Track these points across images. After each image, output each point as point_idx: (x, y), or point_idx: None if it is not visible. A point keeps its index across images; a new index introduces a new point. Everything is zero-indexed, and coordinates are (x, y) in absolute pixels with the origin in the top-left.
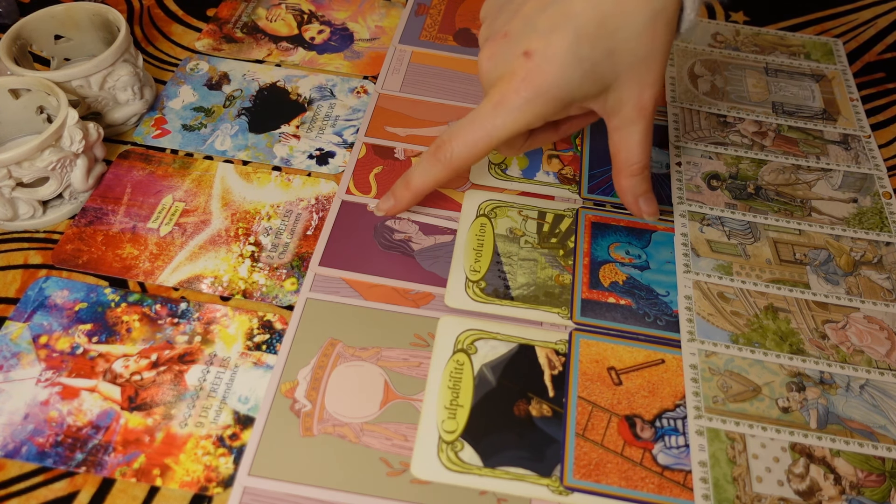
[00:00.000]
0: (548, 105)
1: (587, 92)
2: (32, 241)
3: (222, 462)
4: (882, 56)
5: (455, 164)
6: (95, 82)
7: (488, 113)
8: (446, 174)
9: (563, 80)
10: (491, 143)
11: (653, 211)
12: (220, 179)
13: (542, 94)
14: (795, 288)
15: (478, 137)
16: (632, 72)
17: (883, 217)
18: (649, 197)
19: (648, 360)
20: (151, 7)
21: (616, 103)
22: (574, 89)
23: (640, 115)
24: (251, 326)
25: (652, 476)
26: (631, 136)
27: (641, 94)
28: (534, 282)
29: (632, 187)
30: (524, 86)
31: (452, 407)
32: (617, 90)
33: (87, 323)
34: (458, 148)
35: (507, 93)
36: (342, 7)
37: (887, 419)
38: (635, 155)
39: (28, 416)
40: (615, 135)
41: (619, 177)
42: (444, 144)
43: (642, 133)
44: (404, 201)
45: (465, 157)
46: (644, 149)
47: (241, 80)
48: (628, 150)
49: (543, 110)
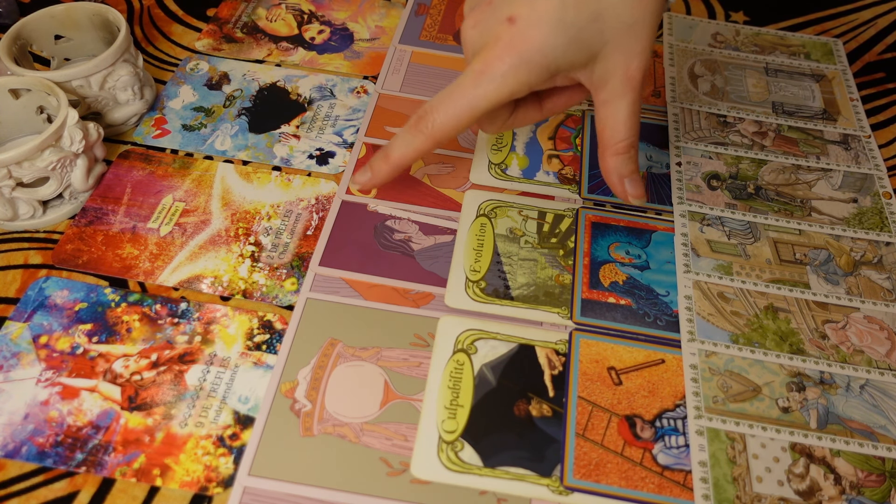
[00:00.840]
0: (532, 72)
1: (573, 59)
2: (32, 241)
3: (222, 462)
4: (882, 56)
5: (437, 134)
6: (95, 82)
7: (471, 81)
8: (427, 145)
9: (548, 46)
10: (473, 112)
11: (638, 194)
12: (221, 179)
13: (526, 60)
14: (795, 288)
15: (460, 107)
16: (619, 39)
17: (883, 217)
18: (635, 179)
19: (648, 360)
20: (151, 7)
21: (603, 73)
22: (559, 56)
23: (628, 86)
24: (251, 326)
25: (652, 476)
26: (618, 110)
27: (629, 64)
28: (534, 282)
29: (617, 167)
30: (508, 52)
31: (452, 407)
32: (604, 59)
33: (88, 323)
34: (440, 118)
35: (491, 60)
36: (342, 7)
37: (887, 419)
38: (621, 131)
39: (28, 416)
40: (602, 109)
41: (604, 155)
42: (426, 115)
43: (630, 107)
44: (382, 174)
45: (447, 127)
46: (631, 125)
47: (241, 80)
48: (614, 125)
49: (527, 78)
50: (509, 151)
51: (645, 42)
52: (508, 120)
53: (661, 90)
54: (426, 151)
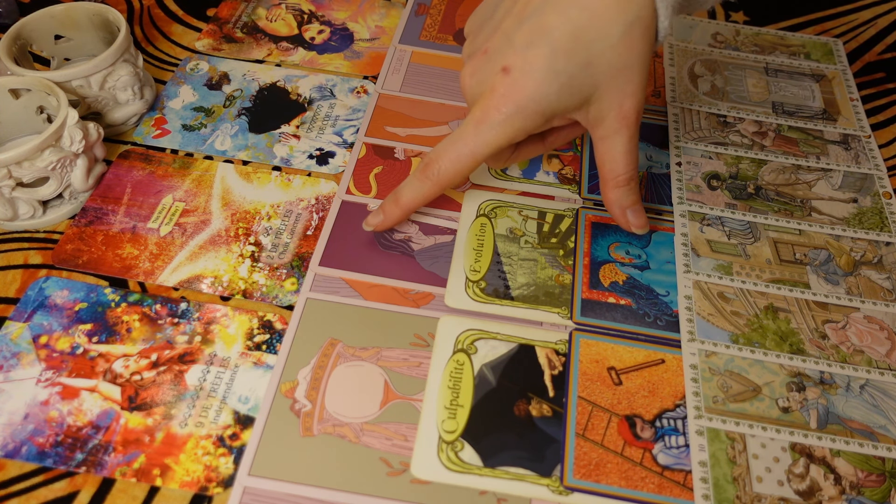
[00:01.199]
0: (527, 119)
1: (567, 104)
2: (32, 241)
3: (222, 462)
4: (882, 56)
5: (443, 181)
6: (95, 82)
7: (471, 130)
8: (434, 191)
9: (541, 94)
10: (475, 159)
11: (641, 224)
12: (221, 179)
13: (521, 109)
14: (795, 288)
15: (462, 155)
16: (611, 82)
17: (883, 217)
18: (637, 209)
19: (648, 360)
20: (151, 7)
21: (598, 114)
22: (552, 102)
23: (623, 124)
24: (251, 326)
25: (652, 476)
26: (615, 146)
27: (622, 104)
28: (534, 282)
29: (618, 199)
30: (504, 102)
31: (452, 407)
32: (597, 101)
33: (88, 323)
34: (445, 165)
35: (488, 109)
36: (342, 7)
37: (887, 419)
38: (620, 166)
39: (28, 416)
40: (599, 145)
41: (605, 188)
42: (432, 163)
43: (626, 143)
44: (393, 217)
45: (451, 174)
46: (629, 159)
47: (241, 80)
48: (613, 160)
49: (523, 125)
50: None
51: (637, 83)
52: (512, 156)
53: (661, 90)
54: (434, 196)
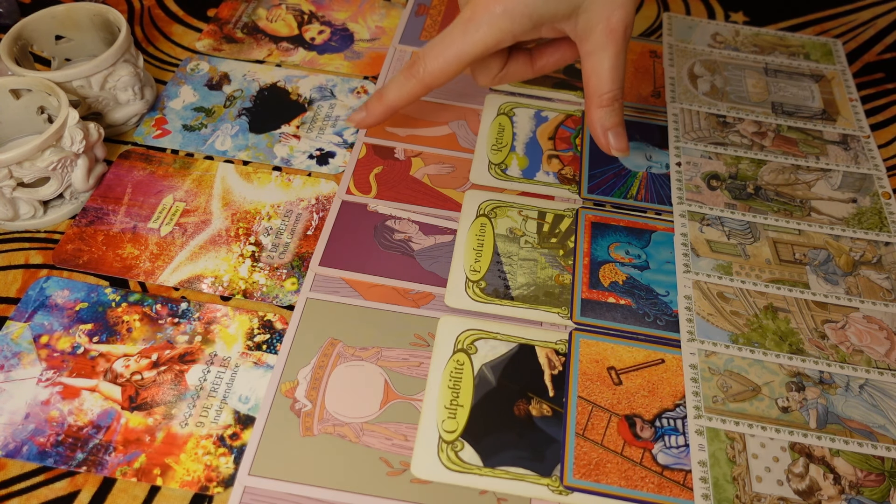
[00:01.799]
0: (515, 21)
1: (555, 10)
2: (33, 241)
3: (223, 462)
4: (881, 56)
5: (427, 79)
6: (96, 82)
7: (460, 29)
8: (419, 89)
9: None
10: (462, 59)
11: (622, 147)
12: (221, 179)
13: (510, 10)
14: (795, 288)
15: (449, 53)
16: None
17: (882, 217)
18: (619, 132)
19: (648, 359)
20: (152, 7)
21: (586, 25)
22: (540, 5)
23: (610, 38)
24: (251, 326)
25: (652, 476)
26: (601, 61)
27: (610, 15)
28: (534, 282)
29: (601, 119)
30: (494, 2)
31: (452, 407)
32: (586, 11)
33: (88, 323)
34: (431, 63)
35: (478, 9)
36: (342, 7)
37: (887, 419)
38: (606, 83)
39: (29, 415)
40: (586, 61)
41: (589, 107)
42: (418, 61)
43: (612, 59)
44: (376, 114)
45: (437, 72)
46: (614, 76)
47: (241, 81)
48: (598, 77)
49: (510, 26)
50: (509, 151)
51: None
52: (500, 73)
53: (661, 90)
54: (418, 95)
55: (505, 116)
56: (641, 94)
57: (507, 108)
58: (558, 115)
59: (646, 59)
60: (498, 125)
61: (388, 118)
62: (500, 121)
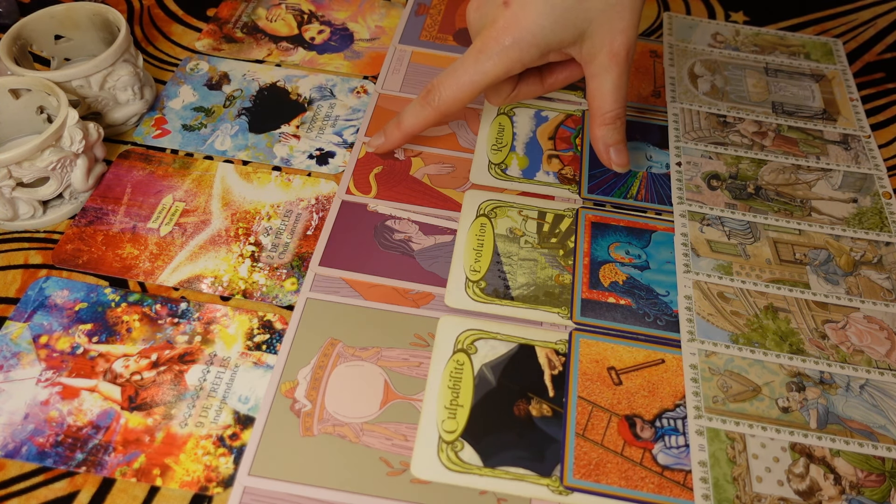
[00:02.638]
0: (524, 51)
1: (562, 38)
2: (33, 241)
3: (222, 462)
4: (882, 56)
5: (443, 107)
6: (96, 82)
7: (472, 59)
8: (435, 117)
9: (538, 26)
10: (475, 87)
11: (623, 162)
12: (221, 179)
13: (518, 40)
14: (795, 288)
15: (463, 82)
16: (603, 17)
17: (883, 217)
18: (620, 148)
19: (648, 359)
20: (151, 7)
21: (590, 50)
22: (548, 35)
23: (613, 62)
24: (251, 326)
25: (652, 476)
26: (604, 83)
27: (613, 40)
28: (534, 282)
29: (603, 136)
30: (503, 33)
31: (452, 407)
32: (590, 37)
33: (88, 323)
34: (446, 92)
35: (488, 40)
36: (342, 7)
37: (887, 419)
38: (608, 103)
39: (28, 415)
40: (591, 83)
41: (592, 125)
42: (433, 89)
43: (615, 81)
44: (394, 140)
45: (451, 100)
46: (617, 97)
47: (241, 80)
48: (602, 97)
49: (520, 55)
50: (509, 151)
51: (628, 20)
52: (512, 93)
53: (661, 90)
54: (434, 123)
55: (505, 116)
56: (641, 94)
57: (507, 107)
58: (558, 114)
59: (646, 59)
60: (498, 125)
61: (405, 143)
62: (500, 121)
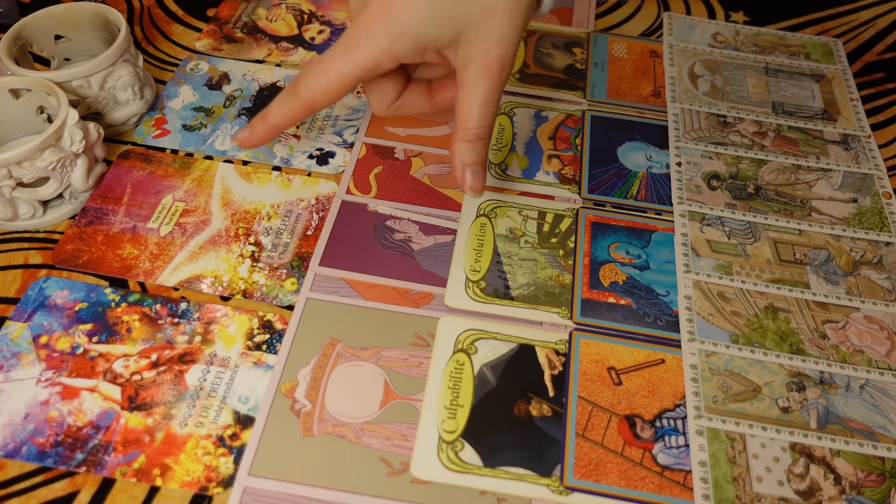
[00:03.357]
0: (394, 42)
1: (437, 35)
2: (33, 241)
3: (222, 462)
4: (882, 56)
5: (309, 99)
6: (96, 82)
7: (341, 48)
8: (300, 108)
9: (410, 16)
10: (343, 78)
11: (477, 187)
12: (221, 179)
13: (389, 29)
14: (795, 288)
15: (329, 75)
16: (480, 23)
17: (883, 217)
18: (478, 171)
19: (648, 360)
20: (151, 7)
21: (465, 55)
22: (423, 28)
23: (484, 75)
24: (251, 326)
25: (652, 476)
26: (472, 96)
27: (488, 51)
28: (534, 282)
29: (461, 153)
30: (374, 19)
31: (452, 407)
32: (466, 42)
33: (88, 323)
34: (312, 83)
35: (360, 28)
36: (342, 7)
37: (887, 419)
38: (473, 119)
39: (28, 415)
40: (460, 91)
41: (453, 139)
42: (299, 80)
43: (483, 96)
44: (259, 133)
45: (318, 92)
46: (483, 114)
47: (241, 80)
48: (467, 111)
49: (390, 47)
50: (509, 151)
51: (505, 32)
52: (395, 102)
53: (661, 90)
54: (302, 115)
55: (505, 116)
56: (641, 94)
57: (507, 107)
58: (558, 114)
59: (646, 59)
60: (498, 125)
61: (273, 138)
62: (500, 120)
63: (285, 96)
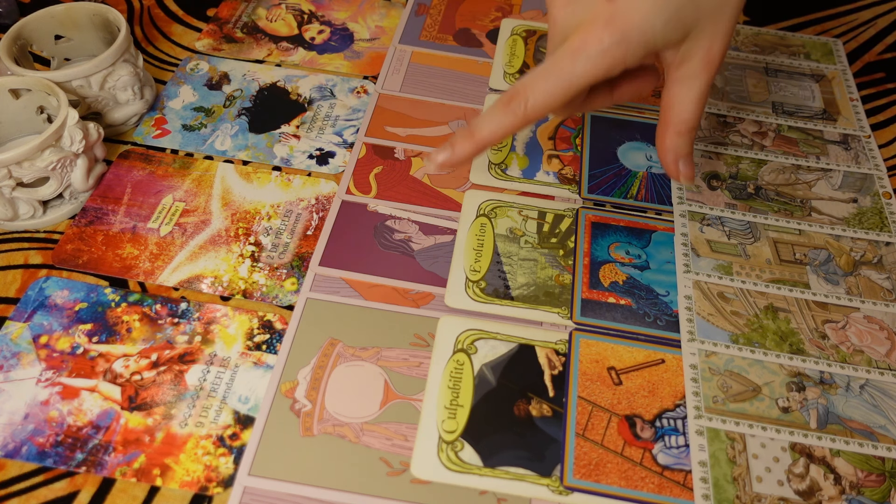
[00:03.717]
0: (629, 50)
1: (669, 38)
2: (33, 241)
3: (222, 462)
4: (882, 56)
5: (531, 114)
6: (96, 82)
7: (567, 59)
8: (519, 125)
9: (648, 24)
10: (570, 90)
11: (690, 174)
12: (221, 179)
13: (626, 38)
14: (795, 288)
15: (555, 85)
16: (709, 19)
17: (883, 217)
18: (689, 161)
19: (648, 359)
20: (151, 7)
21: (687, 51)
22: (658, 34)
23: (706, 67)
24: (251, 326)
25: (652, 476)
26: (690, 90)
27: (712, 44)
28: (534, 282)
29: (675, 147)
30: (607, 30)
31: (452, 407)
32: (692, 39)
33: (88, 323)
34: (535, 97)
35: (589, 38)
36: (342, 7)
37: (887, 419)
38: (689, 111)
39: (28, 415)
40: (675, 87)
41: (664, 134)
42: (518, 95)
43: (701, 89)
44: (464, 153)
45: (540, 106)
46: (698, 107)
47: (241, 80)
48: (682, 105)
49: (624, 55)
50: (509, 151)
51: (730, 23)
52: (581, 104)
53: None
54: (517, 131)
55: None
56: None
57: None
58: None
59: None
60: None
61: (477, 156)
62: None
63: (500, 113)
